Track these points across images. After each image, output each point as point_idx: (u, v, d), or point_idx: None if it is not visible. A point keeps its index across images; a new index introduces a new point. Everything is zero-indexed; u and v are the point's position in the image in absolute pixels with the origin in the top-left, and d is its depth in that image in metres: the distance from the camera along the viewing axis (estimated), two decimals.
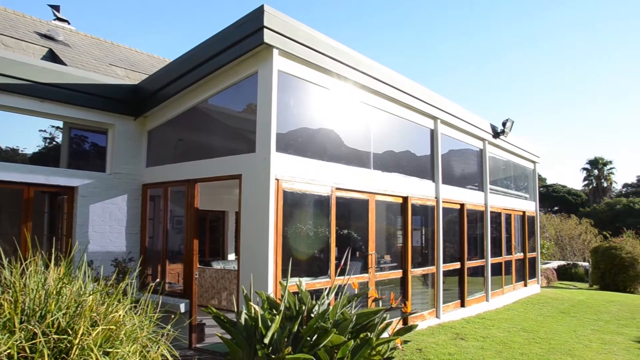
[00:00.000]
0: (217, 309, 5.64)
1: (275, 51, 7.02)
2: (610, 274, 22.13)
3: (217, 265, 13.57)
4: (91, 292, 4.14)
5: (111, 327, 3.92)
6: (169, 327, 4.59)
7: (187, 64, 8.25)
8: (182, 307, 7.91)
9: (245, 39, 7.09)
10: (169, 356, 4.28)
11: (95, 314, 3.92)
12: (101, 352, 3.75)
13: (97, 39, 14.34)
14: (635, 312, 14.05)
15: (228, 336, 5.41)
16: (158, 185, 9.12)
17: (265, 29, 6.76)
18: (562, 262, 32.19)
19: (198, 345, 8.18)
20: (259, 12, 6.85)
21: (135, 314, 4.37)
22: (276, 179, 6.97)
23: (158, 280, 8.80)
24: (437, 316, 10.97)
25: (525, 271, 17.23)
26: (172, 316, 5.04)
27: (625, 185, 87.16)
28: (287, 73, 7.36)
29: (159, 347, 4.33)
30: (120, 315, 4.08)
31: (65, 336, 3.65)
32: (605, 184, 74.73)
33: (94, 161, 9.09)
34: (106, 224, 8.82)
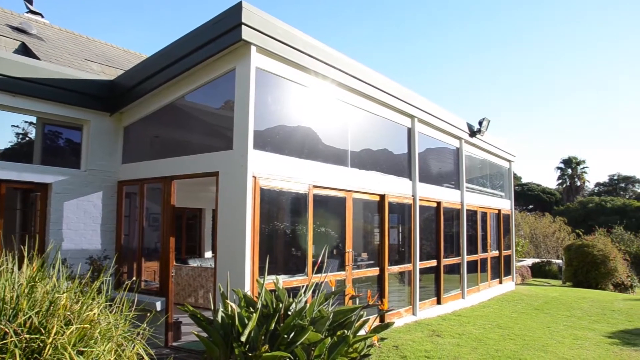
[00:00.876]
0: (193, 307, 5.60)
1: (253, 48, 6.99)
2: (583, 271, 22.49)
3: (193, 263, 13.49)
4: (65, 291, 4.08)
5: (85, 325, 3.86)
6: (144, 325, 4.55)
7: (164, 59, 8.17)
8: (158, 306, 7.85)
9: (223, 35, 7.05)
10: (144, 355, 4.24)
11: (69, 313, 3.86)
12: (75, 351, 3.69)
13: (72, 33, 14.11)
14: (605, 309, 14.32)
15: (205, 334, 5.39)
16: (134, 182, 9.03)
17: (243, 26, 6.72)
18: (537, 260, 32.66)
19: (174, 344, 8.12)
20: (237, 9, 6.82)
21: (110, 312, 4.32)
22: (253, 177, 6.94)
23: (134, 278, 8.71)
24: (414, 313, 11.05)
25: (501, 269, 17.43)
26: (148, 314, 4.99)
27: (598, 185, 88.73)
28: (265, 70, 7.34)
29: (134, 345, 4.28)
30: (94, 313, 4.03)
31: (37, 335, 3.59)
32: (578, 183, 76.04)
33: (68, 157, 8.96)
34: (81, 221, 8.70)
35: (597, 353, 8.81)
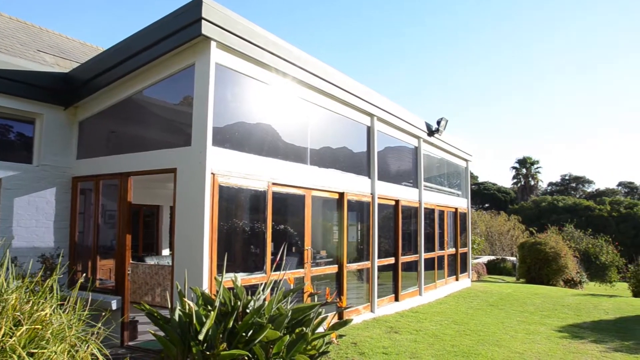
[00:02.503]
0: (150, 306, 5.52)
1: (213, 44, 6.92)
2: (536, 268, 23.10)
3: (150, 260, 13.29)
4: (14, 290, 3.96)
5: (37, 326, 3.76)
6: (99, 325, 4.46)
7: (121, 53, 8.00)
8: (114, 304, 7.70)
9: (182, 29, 6.95)
10: (99, 355, 4.16)
11: (18, 313, 3.75)
12: (26, 353, 3.60)
13: (24, 23, 13.67)
14: (556, 304, 14.76)
15: (161, 333, 5.31)
16: (89, 179, 8.82)
17: (203, 21, 6.65)
18: (492, 257, 33.39)
19: (130, 343, 7.98)
20: (197, 3, 6.74)
21: (63, 312, 4.22)
22: (212, 173, 6.88)
23: (88, 276, 8.52)
24: (372, 310, 11.15)
25: (457, 266, 17.76)
26: (103, 314, 4.89)
27: (551, 184, 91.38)
28: (225, 66, 7.27)
29: (88, 346, 4.20)
30: (46, 313, 3.93)
31: None
32: (532, 183, 78.10)
33: (19, 152, 8.67)
34: (32, 218, 8.45)
35: (548, 346, 9.09)
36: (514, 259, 30.85)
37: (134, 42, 7.79)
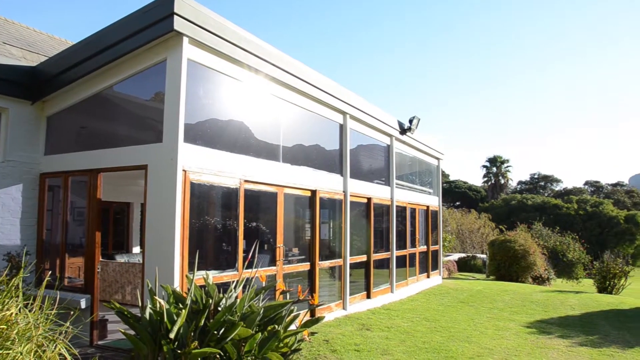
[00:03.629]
0: (120, 304, 5.46)
1: (185, 39, 6.86)
2: (505, 265, 23.45)
3: (121, 258, 13.12)
4: None
5: (1, 326, 3.69)
6: (67, 324, 4.39)
7: (91, 47, 7.87)
8: (83, 303, 7.57)
9: (154, 24, 6.87)
10: (67, 355, 4.10)
11: None
12: None
13: None
14: (525, 300, 15.03)
15: (132, 332, 5.26)
16: (58, 175, 8.66)
17: (175, 16, 6.58)
18: (463, 255, 33.80)
19: (100, 343, 7.87)
20: None
21: (30, 311, 4.14)
22: (184, 170, 6.83)
23: (56, 275, 8.37)
24: (344, 308, 11.20)
25: (428, 263, 17.94)
26: (72, 313, 4.82)
27: (520, 183, 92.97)
28: (197, 62, 7.21)
29: (56, 345, 4.13)
30: (12, 313, 3.86)
31: None
32: (502, 181, 79.26)
33: None
34: None
35: (517, 342, 9.25)
36: (484, 256, 31.28)
37: (105, 36, 7.67)
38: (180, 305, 5.30)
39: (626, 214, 64.17)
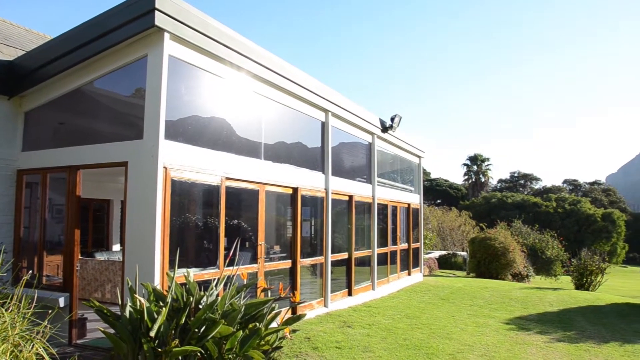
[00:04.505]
0: (100, 302, 5.40)
1: (166, 35, 6.80)
2: (485, 262, 23.64)
3: (100, 256, 12.99)
4: None
5: None
6: (45, 323, 4.33)
7: (71, 42, 7.75)
8: (62, 302, 7.48)
9: (135, 20, 6.80)
10: (45, 355, 4.05)
11: None
12: None
13: None
14: (504, 297, 15.19)
15: (112, 330, 5.21)
16: (36, 172, 8.53)
17: (156, 11, 6.52)
18: (443, 252, 34.05)
19: (79, 342, 7.79)
20: None
21: (6, 310, 4.08)
22: (164, 167, 6.78)
23: (34, 273, 8.25)
24: (326, 305, 11.22)
25: (409, 261, 18.03)
26: (50, 311, 4.76)
27: (500, 181, 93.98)
28: (178, 59, 7.16)
29: (33, 345, 4.08)
30: None
31: None
32: (483, 179, 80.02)
33: None
34: None
35: (496, 338, 9.35)
36: (464, 254, 31.55)
37: (84, 31, 7.57)
38: (161, 304, 5.27)
39: (603, 212, 65.28)
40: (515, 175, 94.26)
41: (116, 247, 14.95)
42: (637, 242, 67.17)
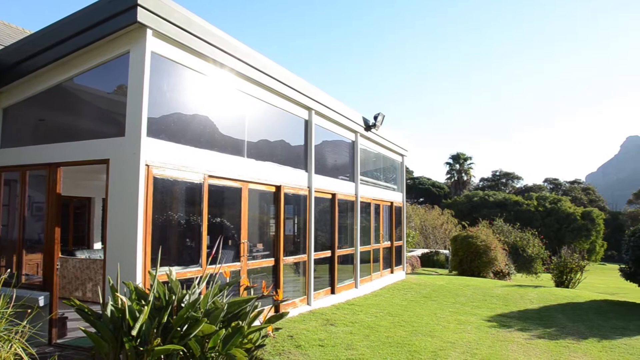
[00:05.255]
0: (81, 301, 5.35)
1: (149, 31, 6.75)
2: (467, 260, 23.83)
3: (81, 254, 12.87)
4: None
5: None
6: (24, 322, 4.28)
7: (51, 37, 7.64)
8: (41, 301, 7.39)
9: (117, 15, 6.73)
10: (23, 355, 3.99)
11: None
12: None
13: None
14: (486, 295, 15.32)
15: (93, 329, 5.16)
16: (14, 169, 8.42)
17: (139, 8, 6.47)
18: (426, 250, 34.25)
19: (59, 341, 7.70)
20: None
21: None
22: (146, 165, 6.73)
23: (13, 272, 8.14)
24: (308, 303, 11.22)
25: (392, 259, 18.10)
26: (30, 311, 4.70)
27: (482, 180, 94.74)
28: (161, 55, 7.11)
29: (11, 345, 4.02)
30: None
31: None
32: (465, 178, 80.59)
33: None
34: None
35: (478, 336, 9.44)
36: (447, 252, 31.75)
37: (65, 26, 7.47)
38: (143, 302, 5.23)
39: (583, 211, 66.12)
40: (497, 174, 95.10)
41: (97, 246, 14.81)
42: (615, 240, 68.09)
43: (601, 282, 31.51)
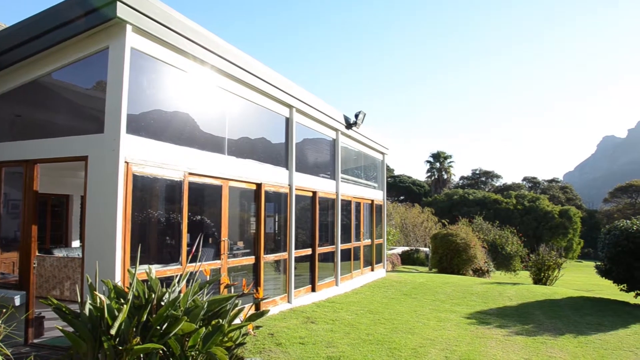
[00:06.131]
0: (58, 300, 5.28)
1: (128, 27, 6.68)
2: (447, 258, 24.01)
3: (59, 253, 12.69)
4: None
5: None
6: None
7: (28, 31, 7.48)
8: (17, 300, 7.27)
9: (96, 10, 6.64)
10: None
11: None
12: None
13: None
14: (465, 292, 15.45)
15: (70, 329, 5.10)
16: None
17: (118, 3, 6.39)
18: (406, 248, 34.43)
19: (36, 341, 7.58)
20: None
21: None
22: (126, 162, 6.66)
23: None
24: (289, 301, 11.21)
25: (373, 257, 18.17)
26: (5, 310, 4.62)
27: (462, 178, 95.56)
28: (141, 51, 7.04)
29: None
30: None
31: None
32: (445, 176, 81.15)
33: None
34: None
35: (457, 332, 9.52)
36: (427, 249, 31.95)
37: (42, 20, 7.32)
38: (122, 301, 5.18)
39: (560, 209, 67.05)
40: (477, 172, 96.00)
41: (76, 244, 14.62)
42: (592, 238, 69.16)
43: (578, 279, 31.97)
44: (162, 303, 5.27)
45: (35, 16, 7.48)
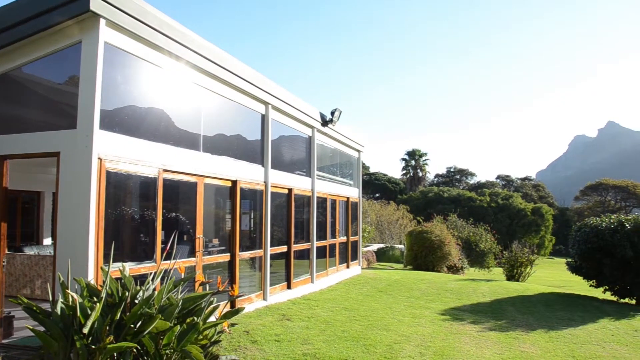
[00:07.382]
0: (29, 299, 5.18)
1: (102, 21, 6.58)
2: (422, 255, 24.18)
3: (30, 250, 12.46)
4: None
5: None
6: None
7: None
8: None
9: (68, 3, 6.52)
10: None
11: None
12: None
13: None
14: (440, 289, 15.60)
15: (42, 328, 5.00)
16: None
17: None
18: (382, 245, 34.63)
19: (5, 342, 7.43)
20: None
21: None
22: (99, 159, 6.56)
23: None
24: (265, 298, 11.19)
25: (348, 254, 18.22)
26: None
27: (437, 176, 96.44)
28: (114, 46, 6.94)
29: None
30: None
31: None
32: (420, 174, 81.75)
33: None
34: None
35: (432, 329, 9.61)
36: (402, 247, 32.17)
37: (12, 12, 7.16)
38: (95, 299, 5.11)
39: (533, 207, 68.15)
40: (452, 170, 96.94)
41: (47, 241, 14.37)
42: (563, 235, 70.44)
43: (549, 275, 32.52)
44: (136, 301, 5.21)
45: (6, 7, 7.31)
